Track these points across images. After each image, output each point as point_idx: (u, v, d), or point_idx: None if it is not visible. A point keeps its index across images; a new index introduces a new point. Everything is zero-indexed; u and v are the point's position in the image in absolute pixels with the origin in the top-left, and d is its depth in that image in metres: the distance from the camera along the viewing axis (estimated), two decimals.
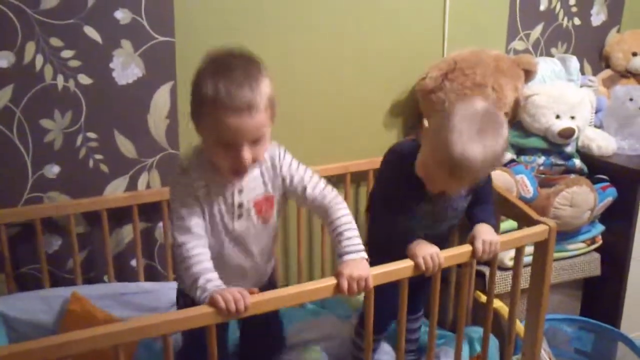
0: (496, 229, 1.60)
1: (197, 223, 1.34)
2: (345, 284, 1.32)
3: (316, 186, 1.44)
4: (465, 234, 1.58)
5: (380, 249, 1.49)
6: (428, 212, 1.58)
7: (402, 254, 1.45)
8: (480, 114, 1.44)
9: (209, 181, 1.36)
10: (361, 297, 1.44)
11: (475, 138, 1.40)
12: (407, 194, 1.54)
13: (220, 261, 1.40)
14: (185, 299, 1.43)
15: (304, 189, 1.43)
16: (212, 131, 1.26)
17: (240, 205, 1.40)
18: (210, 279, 1.27)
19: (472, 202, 1.66)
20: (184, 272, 1.32)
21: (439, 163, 1.43)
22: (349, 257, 1.36)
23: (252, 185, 1.40)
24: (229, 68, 1.25)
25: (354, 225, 1.42)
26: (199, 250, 1.32)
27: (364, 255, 1.37)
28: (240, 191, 1.39)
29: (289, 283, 2.17)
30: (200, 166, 1.36)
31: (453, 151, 1.39)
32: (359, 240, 1.39)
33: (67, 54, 1.77)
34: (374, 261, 1.39)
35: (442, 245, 1.50)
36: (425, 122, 1.61)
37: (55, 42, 1.74)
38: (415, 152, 1.53)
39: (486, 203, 1.67)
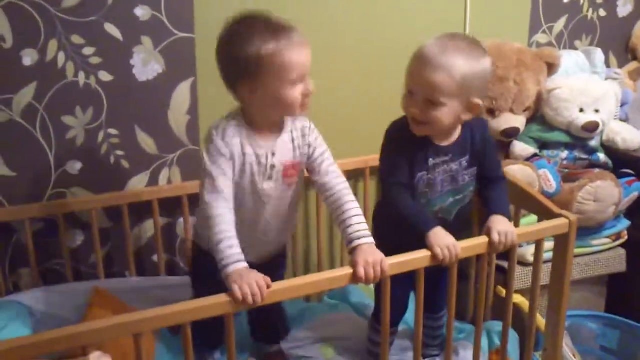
0: (510, 218, 1.58)
1: (226, 185, 1.39)
2: (362, 272, 1.33)
3: (331, 165, 1.53)
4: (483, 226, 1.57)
5: (388, 239, 1.49)
6: (429, 183, 1.57)
7: (411, 242, 1.45)
8: (461, 35, 1.53)
9: (244, 141, 1.43)
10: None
11: (443, 38, 1.48)
12: (406, 157, 1.54)
13: (239, 223, 1.42)
14: (205, 258, 1.49)
15: (322, 163, 1.52)
16: (281, 76, 1.35)
17: (273, 167, 1.46)
18: (232, 245, 1.32)
19: (482, 181, 1.64)
20: (208, 230, 1.36)
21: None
22: (360, 241, 1.39)
23: (284, 149, 1.48)
24: (265, 23, 1.37)
25: (361, 212, 1.46)
26: (224, 211, 1.36)
27: (373, 241, 1.40)
28: (274, 154, 1.46)
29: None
30: (237, 127, 1.43)
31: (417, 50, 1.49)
32: (367, 227, 1.42)
33: (88, 51, 1.79)
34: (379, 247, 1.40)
35: (455, 237, 1.49)
36: None
37: (76, 39, 1.77)
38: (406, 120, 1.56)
39: (498, 184, 1.64)
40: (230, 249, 1.31)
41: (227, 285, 1.27)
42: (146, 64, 1.86)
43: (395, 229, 1.53)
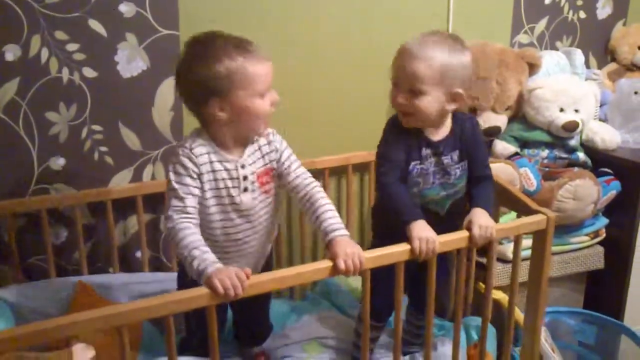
0: (492, 215, 1.60)
1: (191, 204, 1.41)
2: (342, 264, 1.35)
3: (299, 167, 1.57)
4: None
5: (386, 232, 1.51)
6: (421, 173, 1.60)
7: (404, 234, 1.47)
8: (443, 32, 1.59)
9: (212, 157, 1.44)
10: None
11: (424, 33, 1.56)
12: (402, 147, 1.58)
13: (227, 240, 1.50)
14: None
15: (290, 165, 1.55)
16: (250, 87, 1.39)
17: (245, 178, 1.48)
18: (205, 251, 1.33)
19: (470, 179, 1.67)
20: (177, 245, 1.37)
21: None
22: (336, 233, 1.42)
23: (253, 159, 1.50)
24: (225, 40, 1.40)
25: (334, 208, 1.50)
26: (190, 225, 1.38)
27: (348, 233, 1.43)
28: (243, 166, 1.48)
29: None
30: (203, 145, 1.44)
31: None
32: (341, 221, 1.46)
33: (72, 47, 1.79)
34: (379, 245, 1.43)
35: (448, 231, 1.53)
36: None
37: (60, 35, 1.77)
38: None
39: (485, 183, 1.67)
40: (204, 254, 1.32)
41: (207, 283, 1.27)
42: (130, 61, 1.87)
43: (394, 226, 1.53)
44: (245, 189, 1.48)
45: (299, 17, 2.04)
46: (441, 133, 1.62)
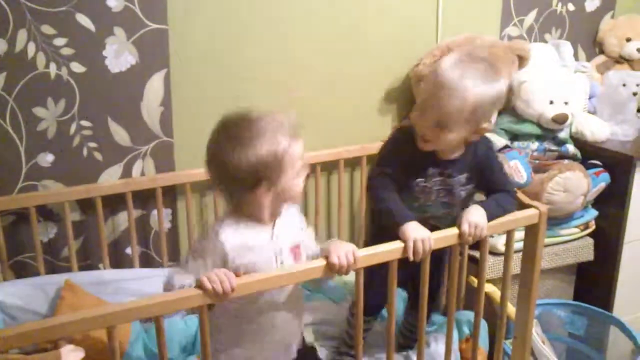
0: (492, 215, 1.55)
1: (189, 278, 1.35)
2: (335, 260, 1.34)
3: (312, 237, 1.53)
4: None
5: (385, 232, 1.50)
6: (425, 191, 1.58)
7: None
8: (479, 56, 1.47)
9: (245, 232, 1.37)
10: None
11: (463, 64, 1.43)
12: (405, 159, 1.54)
13: (260, 329, 1.43)
14: None
15: (310, 237, 1.51)
16: (294, 168, 1.35)
17: (280, 251, 1.42)
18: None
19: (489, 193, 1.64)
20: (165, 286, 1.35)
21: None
22: (330, 239, 1.42)
23: (285, 231, 1.43)
24: (267, 123, 1.32)
25: None
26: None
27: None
28: (277, 236, 1.41)
29: None
30: (231, 225, 1.37)
31: (435, 69, 1.45)
32: None
33: (59, 41, 1.77)
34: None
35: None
36: None
37: (47, 29, 1.74)
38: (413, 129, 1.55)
39: (504, 193, 1.61)
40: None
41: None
42: (119, 55, 1.84)
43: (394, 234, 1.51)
44: (281, 263, 1.42)
45: (290, 12, 2.03)
46: (453, 154, 1.57)
